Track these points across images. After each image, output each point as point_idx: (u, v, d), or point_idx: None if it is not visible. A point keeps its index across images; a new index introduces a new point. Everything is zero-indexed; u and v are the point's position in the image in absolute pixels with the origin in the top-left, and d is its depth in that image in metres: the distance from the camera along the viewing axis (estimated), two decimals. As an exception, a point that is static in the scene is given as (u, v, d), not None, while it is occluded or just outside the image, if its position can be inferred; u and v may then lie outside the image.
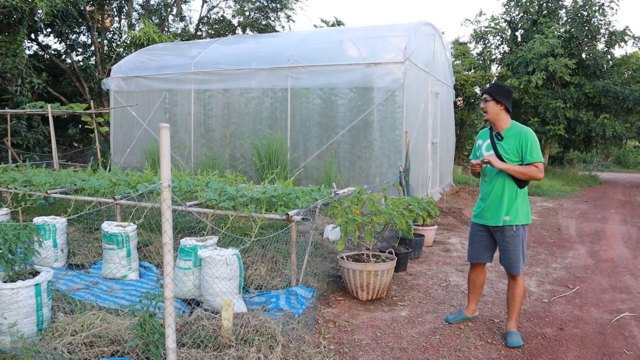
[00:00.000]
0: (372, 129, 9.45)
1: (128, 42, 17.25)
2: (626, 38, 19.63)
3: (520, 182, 3.88)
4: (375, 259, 4.99)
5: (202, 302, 4.46)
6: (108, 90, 12.07)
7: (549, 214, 11.05)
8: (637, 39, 19.90)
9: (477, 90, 21.79)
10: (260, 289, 4.86)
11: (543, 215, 10.72)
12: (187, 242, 4.74)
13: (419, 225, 7.01)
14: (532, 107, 19.31)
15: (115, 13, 19.83)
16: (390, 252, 5.18)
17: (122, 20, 19.92)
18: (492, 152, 3.92)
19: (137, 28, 18.01)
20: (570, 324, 4.44)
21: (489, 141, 4.00)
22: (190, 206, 5.23)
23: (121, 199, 5.76)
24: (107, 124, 12.51)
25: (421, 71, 10.22)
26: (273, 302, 4.49)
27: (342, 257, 4.87)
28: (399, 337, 4.02)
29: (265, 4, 21.50)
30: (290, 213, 4.54)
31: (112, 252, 5.20)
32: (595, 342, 4.07)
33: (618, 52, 41.17)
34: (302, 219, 4.55)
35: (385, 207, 5.01)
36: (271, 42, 11.62)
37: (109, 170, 9.64)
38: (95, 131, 12.05)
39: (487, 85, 20.85)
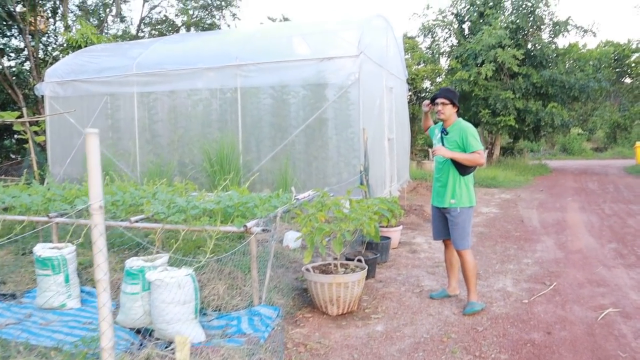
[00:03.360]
0: (327, 127, 9.05)
1: (65, 45, 16.27)
2: (569, 28, 20.01)
3: (463, 170, 4.48)
4: (344, 269, 4.58)
5: (154, 331, 3.94)
6: (43, 96, 11.19)
7: (509, 205, 10.94)
8: (579, 29, 20.33)
9: (428, 84, 21.78)
10: (219, 310, 4.36)
11: (503, 208, 10.59)
12: (134, 263, 4.19)
13: (383, 227, 6.64)
14: (483, 99, 19.40)
15: (50, 15, 18.73)
16: (359, 260, 4.78)
17: (58, 22, 18.84)
18: (440, 144, 4.57)
19: (74, 30, 17.02)
20: (556, 326, 4.16)
21: (439, 135, 4.65)
22: (136, 221, 4.67)
23: (57, 216, 5.13)
24: (45, 132, 11.63)
25: (375, 65, 9.89)
26: (234, 326, 4.00)
27: (307, 270, 4.43)
28: (379, 357, 3.61)
29: (210, 2, 20.81)
30: (249, 224, 4.07)
31: (48, 279, 4.57)
32: (586, 345, 3.78)
33: (562, 42, 42.36)
34: (262, 230, 4.09)
35: (351, 210, 4.61)
36: (217, 40, 11.04)
37: (46, 183, 8.87)
38: (30, 141, 11.17)
39: (438, 79, 20.88)
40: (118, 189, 5.67)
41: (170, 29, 21.52)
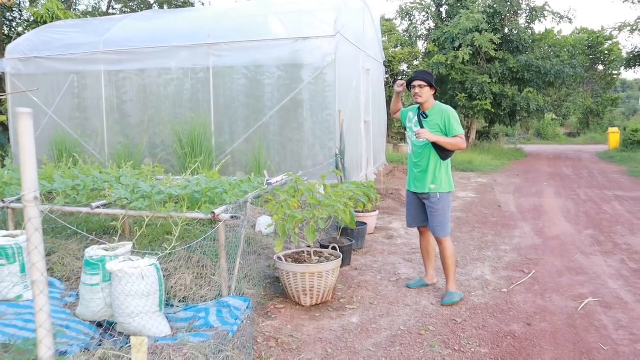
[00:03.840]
0: (303, 109, 8.79)
1: (30, 20, 15.62)
2: (546, 14, 19.98)
3: (444, 154, 4.32)
4: (317, 257, 4.38)
5: (117, 324, 3.70)
6: (3, 73, 10.66)
7: (486, 190, 10.87)
8: (556, 15, 20.32)
9: (405, 67, 21.60)
10: (187, 301, 4.13)
11: (480, 192, 10.51)
12: (93, 252, 3.92)
13: (359, 212, 6.46)
14: (460, 82, 19.31)
15: (13, -11, 17.91)
16: (333, 248, 4.58)
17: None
18: (419, 128, 4.33)
19: (40, 5, 16.32)
20: (536, 317, 4.03)
21: (416, 118, 4.43)
22: (97, 207, 4.38)
23: (13, 202, 4.81)
24: (7, 112, 11.12)
25: (352, 46, 9.63)
26: (202, 318, 3.77)
27: (279, 258, 4.21)
28: (354, 352, 3.43)
29: (183, -21, 20.18)
30: (217, 211, 3.83)
31: (2, 269, 4.28)
32: (568, 337, 3.66)
33: (539, 27, 42.51)
34: (232, 217, 3.85)
35: (326, 196, 4.40)
36: (190, 17, 10.61)
37: (2, 166, 8.45)
38: (-9, 121, 10.67)
39: (416, 62, 20.69)
40: (80, 172, 5.36)
41: (142, 6, 20.82)
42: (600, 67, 31.06)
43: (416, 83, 4.31)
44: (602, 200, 9.51)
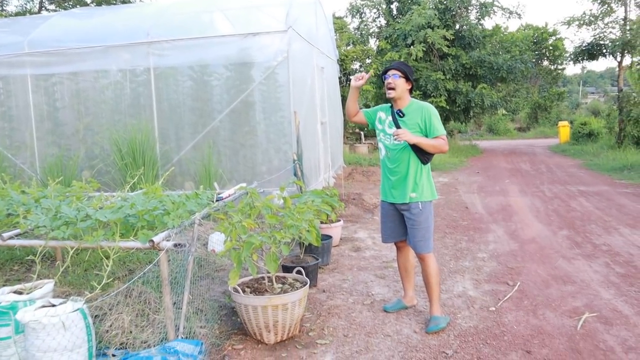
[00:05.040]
0: (255, 111, 8.13)
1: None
2: (495, 9, 19.95)
3: (425, 158, 3.78)
4: (280, 285, 3.73)
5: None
6: None
7: (449, 190, 10.47)
8: (505, 10, 20.33)
9: (357, 65, 21.16)
10: (125, 347, 3.41)
11: (445, 193, 10.08)
12: (2, 297, 3.17)
13: (323, 223, 5.84)
14: (414, 80, 19.00)
15: None
16: (298, 271, 3.94)
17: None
18: (395, 129, 3.74)
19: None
20: (534, 341, 3.51)
21: (390, 118, 3.84)
22: (10, 238, 3.60)
23: None
24: None
25: (305, 43, 9.02)
26: (142, 371, 3.08)
27: (235, 290, 3.54)
28: (331, 407, 2.81)
29: (121, -23, 19.07)
30: (157, 238, 3.13)
31: None
32: (576, 368, 3.15)
33: (489, 23, 43.00)
34: (175, 245, 3.16)
35: (286, 212, 3.75)
36: (127, 14, 9.75)
37: None
38: None
39: (368, 60, 20.26)
40: (-5, 192, 4.52)
41: (79, 6, 19.60)
42: (545, 63, 31.63)
43: (391, 72, 3.74)
44: (568, 197, 9.24)
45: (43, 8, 19.17)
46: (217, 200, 4.28)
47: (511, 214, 7.89)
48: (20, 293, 3.37)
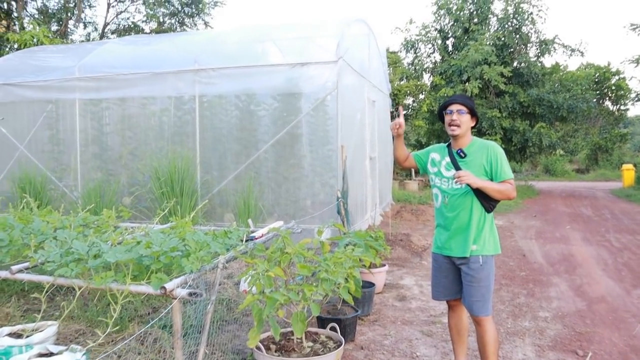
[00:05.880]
0: (301, 143, 7.78)
1: (15, 46, 14.81)
2: (556, 46, 19.20)
3: (489, 205, 3.27)
4: (311, 343, 3.25)
5: None
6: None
7: (505, 234, 9.74)
8: (567, 48, 19.53)
9: (410, 100, 20.74)
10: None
11: (500, 238, 9.34)
12: (-3, 340, 2.83)
13: (365, 268, 5.33)
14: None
15: (2, 17, 17.23)
16: (332, 328, 3.45)
17: (15, 26, 17.37)
18: (454, 171, 3.26)
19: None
20: None
21: (448, 159, 3.36)
22: (19, 271, 3.29)
23: None
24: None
25: (356, 74, 8.67)
26: None
27: (258, 348, 3.08)
28: None
29: (179, 8, 19.49)
30: (169, 285, 2.73)
31: None
32: None
33: (549, 61, 41.89)
34: (190, 294, 2.75)
35: (323, 263, 3.28)
36: (176, 42, 9.69)
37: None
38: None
39: (421, 96, 19.80)
40: (16, 220, 4.27)
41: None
42: (607, 103, 30.30)
43: (454, 107, 3.23)
44: (639, 249, 8.38)
45: (105, 37, 19.78)
46: (247, 240, 3.87)
47: (575, 266, 7.14)
48: (20, 335, 3.04)
